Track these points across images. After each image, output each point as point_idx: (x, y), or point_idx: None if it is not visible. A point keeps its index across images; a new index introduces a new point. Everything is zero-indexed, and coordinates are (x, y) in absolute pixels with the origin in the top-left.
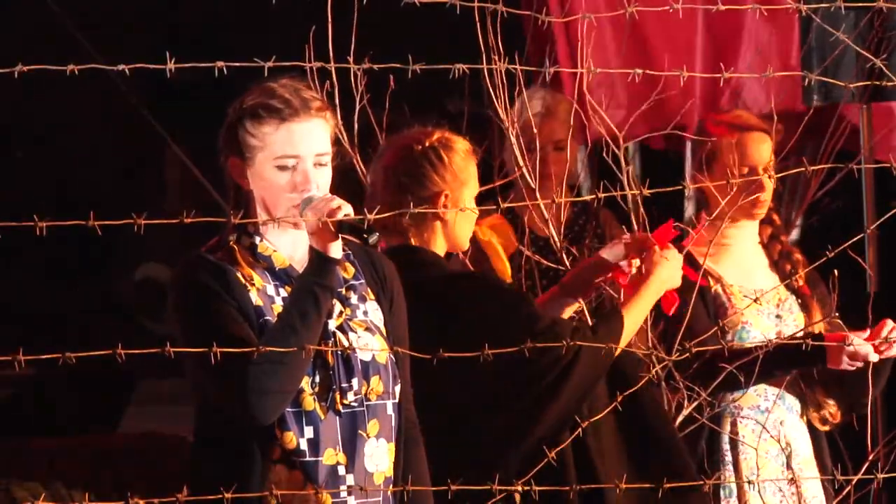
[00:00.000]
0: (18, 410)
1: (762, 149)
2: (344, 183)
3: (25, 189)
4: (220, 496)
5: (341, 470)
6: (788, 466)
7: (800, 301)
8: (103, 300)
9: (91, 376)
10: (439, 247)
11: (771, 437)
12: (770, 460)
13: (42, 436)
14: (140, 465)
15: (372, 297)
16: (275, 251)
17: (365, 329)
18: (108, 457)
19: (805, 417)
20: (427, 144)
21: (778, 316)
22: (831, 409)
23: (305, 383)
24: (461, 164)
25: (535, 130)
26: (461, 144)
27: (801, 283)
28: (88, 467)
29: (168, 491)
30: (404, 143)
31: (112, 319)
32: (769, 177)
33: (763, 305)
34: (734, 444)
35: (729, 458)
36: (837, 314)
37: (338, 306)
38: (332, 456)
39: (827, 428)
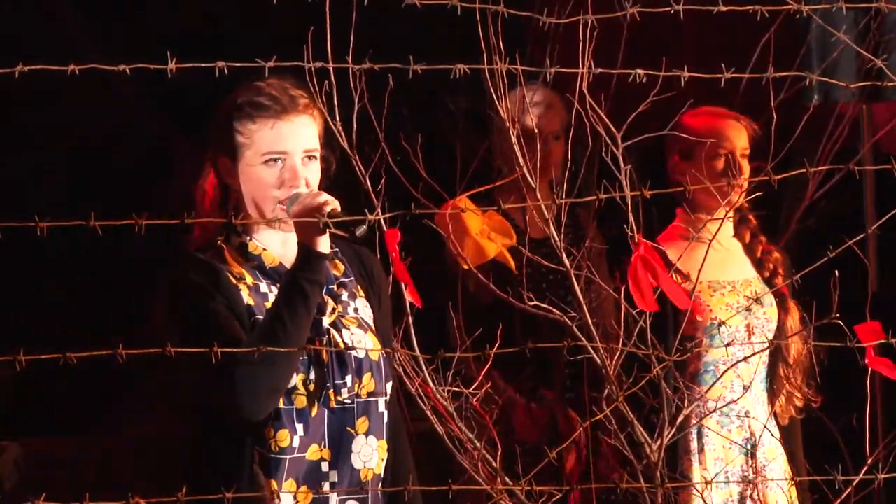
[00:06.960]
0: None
1: (739, 135)
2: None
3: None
4: (221, 496)
5: (324, 466)
6: (753, 456)
7: (777, 300)
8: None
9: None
10: None
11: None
12: (735, 451)
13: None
14: (140, 465)
15: (361, 294)
16: (264, 249)
17: (357, 326)
18: (110, 457)
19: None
20: None
21: (748, 309)
22: (797, 398)
23: (299, 381)
24: None
25: (535, 123)
26: None
27: (780, 282)
28: (90, 468)
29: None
30: None
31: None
32: (758, 173)
33: (731, 299)
34: (700, 433)
35: (694, 445)
36: (838, 315)
37: (330, 303)
38: (315, 452)
39: (787, 416)
